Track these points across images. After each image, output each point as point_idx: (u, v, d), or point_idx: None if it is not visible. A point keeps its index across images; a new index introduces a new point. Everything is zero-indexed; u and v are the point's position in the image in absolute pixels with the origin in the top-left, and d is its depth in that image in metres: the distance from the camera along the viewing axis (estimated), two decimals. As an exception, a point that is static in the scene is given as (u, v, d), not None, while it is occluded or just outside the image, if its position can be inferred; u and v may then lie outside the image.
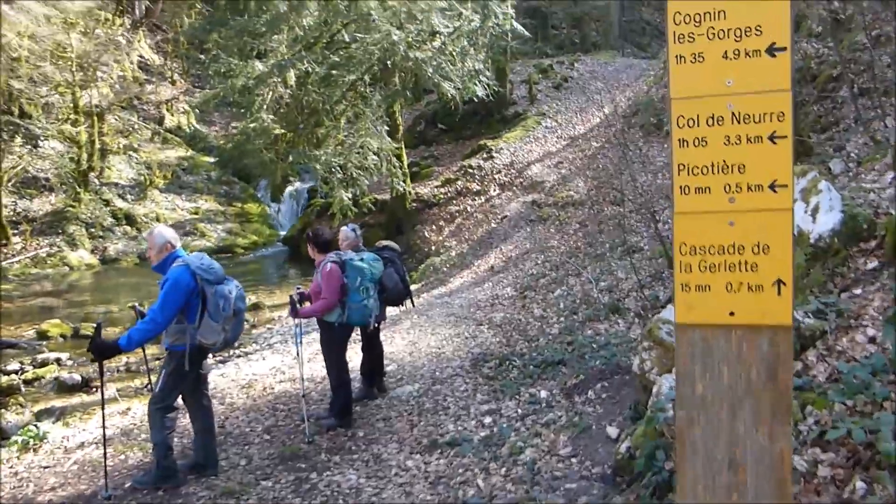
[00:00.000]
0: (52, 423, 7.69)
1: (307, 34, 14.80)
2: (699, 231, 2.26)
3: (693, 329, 2.30)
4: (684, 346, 2.34)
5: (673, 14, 2.27)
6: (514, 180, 17.24)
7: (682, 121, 2.27)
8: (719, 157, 2.22)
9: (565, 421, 5.49)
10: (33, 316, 13.94)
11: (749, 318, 2.20)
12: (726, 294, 2.23)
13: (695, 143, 2.24)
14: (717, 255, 2.24)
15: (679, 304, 2.32)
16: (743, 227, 2.20)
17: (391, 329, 10.05)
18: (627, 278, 9.53)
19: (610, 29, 31.19)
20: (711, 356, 2.26)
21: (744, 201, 2.20)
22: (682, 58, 2.25)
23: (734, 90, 2.19)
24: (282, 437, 6.34)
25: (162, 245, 5.24)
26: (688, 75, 2.25)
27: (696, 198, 2.26)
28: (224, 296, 5.18)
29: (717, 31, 2.20)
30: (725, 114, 2.20)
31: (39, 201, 20.93)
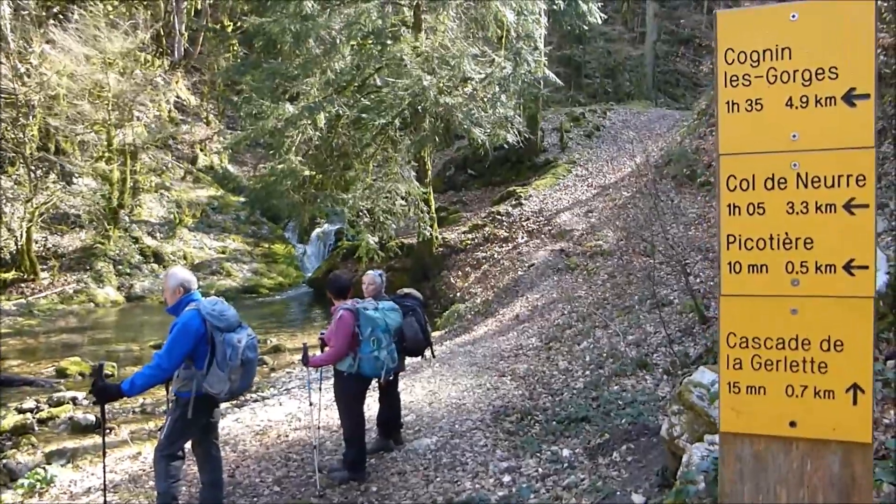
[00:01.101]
0: (62, 466, 7.55)
1: (339, 77, 14.89)
2: (752, 319, 1.84)
3: (742, 440, 1.87)
4: (731, 460, 1.88)
5: (724, 51, 1.86)
6: (542, 228, 17.04)
7: (734, 182, 1.87)
8: (780, 229, 1.81)
9: (588, 485, 5.19)
10: (56, 352, 13.92)
11: (815, 430, 1.78)
12: (786, 399, 1.81)
13: (749, 209, 1.85)
14: (774, 350, 1.82)
15: (725, 408, 1.91)
16: (809, 316, 1.79)
17: (411, 377, 9.81)
18: (656, 332, 9.22)
19: (643, 79, 31.17)
20: (765, 475, 1.82)
21: (811, 284, 1.79)
22: (735, 105, 1.85)
23: (801, 146, 1.79)
24: (292, 490, 6.10)
25: (175, 287, 5.09)
26: (741, 126, 1.86)
27: (749, 278, 1.85)
28: (232, 344, 4.97)
29: (780, 73, 1.79)
30: (789, 175, 1.80)
31: (69, 237, 21.14)
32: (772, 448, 1.79)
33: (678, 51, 34.33)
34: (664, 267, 11.52)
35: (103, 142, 22.45)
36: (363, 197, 15.05)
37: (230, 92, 29.39)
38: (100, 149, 22.51)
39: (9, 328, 16.15)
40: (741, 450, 1.84)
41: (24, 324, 16.61)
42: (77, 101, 21.29)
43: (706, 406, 4.16)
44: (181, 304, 5.04)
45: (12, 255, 19.33)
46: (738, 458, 1.83)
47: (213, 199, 26.46)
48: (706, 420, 4.13)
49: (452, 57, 14.30)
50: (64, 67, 20.70)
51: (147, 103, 25.61)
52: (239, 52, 29.95)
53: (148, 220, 23.43)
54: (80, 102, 21.32)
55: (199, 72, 32.60)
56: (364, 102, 15.27)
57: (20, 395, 10.71)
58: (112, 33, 22.04)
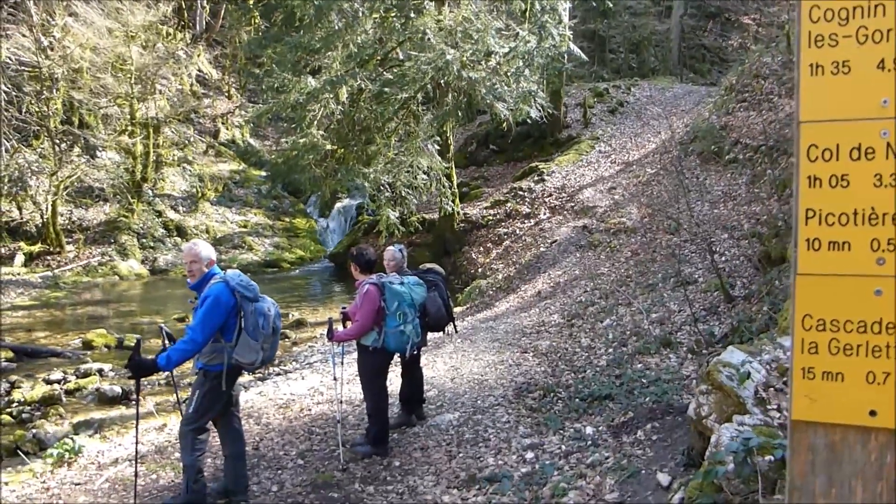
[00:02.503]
0: (90, 437, 7.65)
1: (361, 51, 14.77)
2: (832, 300, 1.71)
3: (815, 429, 1.73)
4: (802, 450, 1.75)
5: (809, 9, 1.71)
6: (564, 204, 16.92)
7: (815, 151, 1.72)
8: (866, 203, 1.66)
9: (612, 462, 5.16)
10: (81, 325, 14.08)
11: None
12: (866, 386, 1.67)
13: (831, 182, 1.70)
14: (855, 334, 1.68)
15: (798, 396, 1.77)
16: (895, 298, 1.66)
17: (433, 353, 9.81)
18: (680, 311, 9.15)
19: (669, 54, 30.74)
20: (840, 468, 1.69)
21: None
22: (820, 67, 1.70)
23: (892, 113, 1.64)
24: (315, 463, 6.14)
25: (207, 260, 5.08)
26: (826, 91, 1.70)
27: (829, 255, 1.71)
28: (263, 313, 5.02)
29: (872, 33, 1.64)
30: (878, 144, 1.65)
31: (94, 211, 21.32)
32: (848, 438, 1.66)
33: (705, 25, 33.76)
34: (688, 245, 11.41)
35: (126, 115, 22.53)
36: (384, 171, 15.00)
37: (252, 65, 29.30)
38: (123, 122, 22.60)
39: (35, 300, 16.36)
40: (814, 440, 1.70)
41: (51, 296, 16.80)
42: (100, 74, 21.35)
43: (736, 386, 4.10)
44: (205, 279, 5.04)
45: (38, 228, 19.54)
46: (810, 449, 1.70)
47: (235, 173, 26.53)
48: (735, 400, 4.07)
49: (476, 31, 14.12)
50: (87, 40, 20.74)
51: (169, 77, 25.62)
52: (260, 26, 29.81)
53: (171, 193, 23.56)
54: (103, 76, 21.37)
55: (220, 45, 32.55)
56: (386, 76, 15.15)
57: (47, 366, 10.87)
58: (134, 6, 22.01)
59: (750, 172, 12.52)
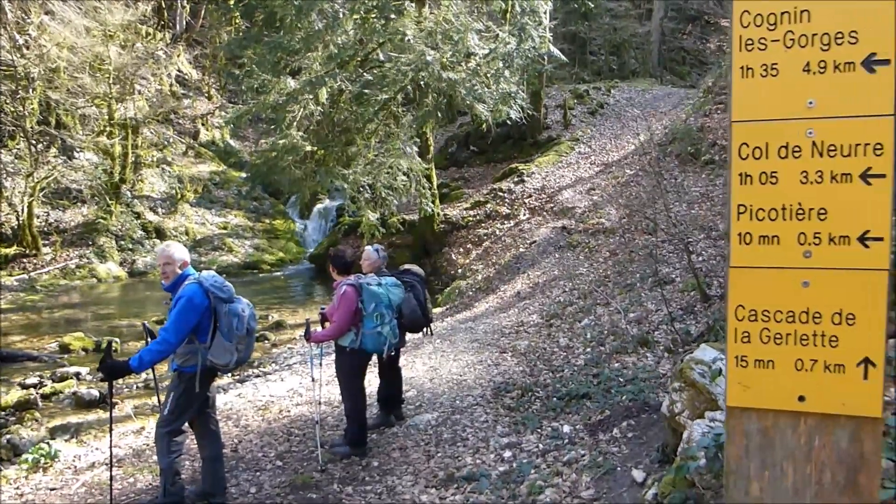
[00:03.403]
0: (66, 441, 7.58)
1: (342, 52, 14.74)
2: (762, 291, 1.78)
3: (749, 415, 1.80)
4: (737, 435, 1.82)
5: (740, 14, 1.78)
6: (544, 205, 16.99)
7: (746, 150, 1.80)
8: (793, 199, 1.75)
9: (588, 460, 5.21)
10: (58, 328, 13.95)
11: (824, 405, 1.72)
12: (795, 373, 1.74)
13: (761, 178, 1.79)
14: (784, 324, 1.75)
15: (732, 383, 1.84)
16: (821, 289, 1.73)
17: (412, 353, 9.83)
18: (657, 310, 9.23)
19: (649, 56, 30.94)
20: (772, 451, 1.76)
21: (824, 256, 1.72)
22: (750, 70, 1.77)
23: (817, 113, 1.72)
24: (294, 464, 6.14)
25: (181, 262, 5.07)
26: (756, 92, 1.77)
27: (760, 249, 1.78)
28: (237, 314, 5.01)
29: (798, 37, 1.72)
30: (804, 143, 1.73)
31: (71, 212, 21.12)
32: (779, 423, 1.74)
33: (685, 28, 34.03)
34: (666, 245, 11.50)
35: (104, 116, 22.33)
36: (365, 172, 14.98)
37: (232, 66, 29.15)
38: (101, 123, 22.39)
39: (11, 304, 16.17)
40: (748, 425, 1.78)
41: (27, 299, 16.64)
42: (77, 74, 21.15)
43: (707, 383, 4.16)
44: (179, 280, 5.03)
45: (14, 230, 19.31)
46: (744, 434, 1.78)
47: (215, 174, 26.40)
48: (707, 397, 4.13)
49: (456, 31, 14.15)
50: (64, 39, 20.53)
51: (148, 77, 25.45)
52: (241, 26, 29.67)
53: (150, 195, 23.39)
54: (81, 75, 21.17)
55: (200, 45, 32.37)
56: (366, 77, 15.15)
57: (23, 370, 10.75)
58: (112, 5, 21.83)
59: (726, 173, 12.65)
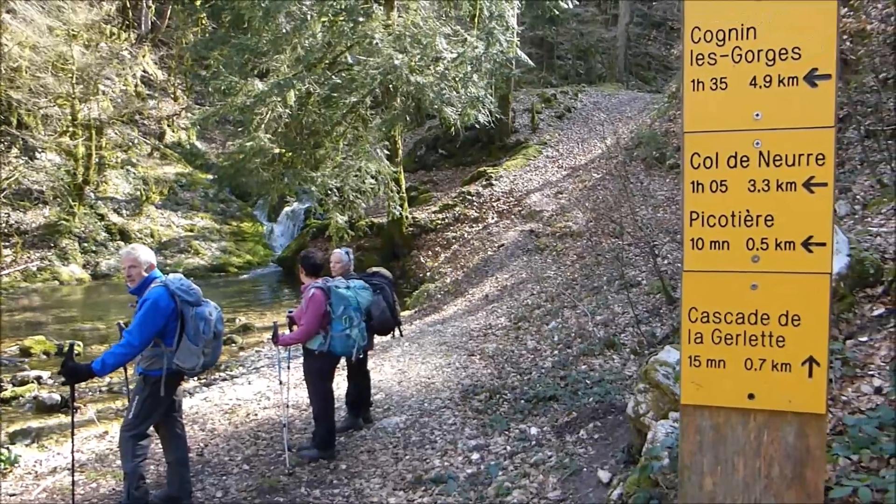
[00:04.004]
0: (27, 446, 7.44)
1: (310, 55, 14.71)
2: (714, 294, 1.85)
3: (702, 412, 1.88)
4: (691, 432, 1.90)
5: (691, 30, 1.86)
6: (512, 209, 17.09)
7: (697, 159, 1.87)
8: (742, 206, 1.83)
9: (555, 461, 5.26)
10: (19, 331, 13.71)
11: (772, 402, 1.81)
12: (745, 372, 1.83)
13: (712, 187, 1.86)
14: (734, 325, 1.83)
15: (686, 382, 1.92)
16: (768, 291, 1.81)
17: (380, 356, 9.83)
18: (624, 313, 9.32)
19: (615, 61, 31.27)
20: (724, 446, 1.84)
21: (770, 261, 1.81)
22: (700, 83, 1.85)
23: (763, 125, 1.80)
24: (261, 468, 6.10)
25: (147, 264, 5.01)
26: (706, 105, 1.85)
27: (711, 254, 1.85)
28: (205, 318, 4.97)
29: (745, 53, 1.81)
30: (751, 153, 1.81)
31: (32, 214, 20.75)
32: (731, 420, 1.83)
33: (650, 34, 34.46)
34: (632, 248, 11.62)
35: (67, 116, 22.01)
36: (333, 175, 14.94)
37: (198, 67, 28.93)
38: (64, 123, 22.07)
39: (-30, 306, 15.88)
40: (701, 422, 1.86)
41: (-14, 301, 16.34)
42: (40, 73, 20.83)
43: (671, 384, 4.23)
44: (145, 283, 4.98)
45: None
46: (698, 430, 1.86)
47: (181, 176, 26.13)
48: (671, 398, 4.20)
49: (424, 35, 14.20)
50: (26, 38, 20.21)
51: (113, 77, 25.13)
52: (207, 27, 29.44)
53: (114, 196, 23.08)
54: (44, 75, 20.86)
55: (166, 46, 32.02)
56: (335, 80, 15.12)
57: (-17, 373, 10.56)
58: (76, 4, 21.52)
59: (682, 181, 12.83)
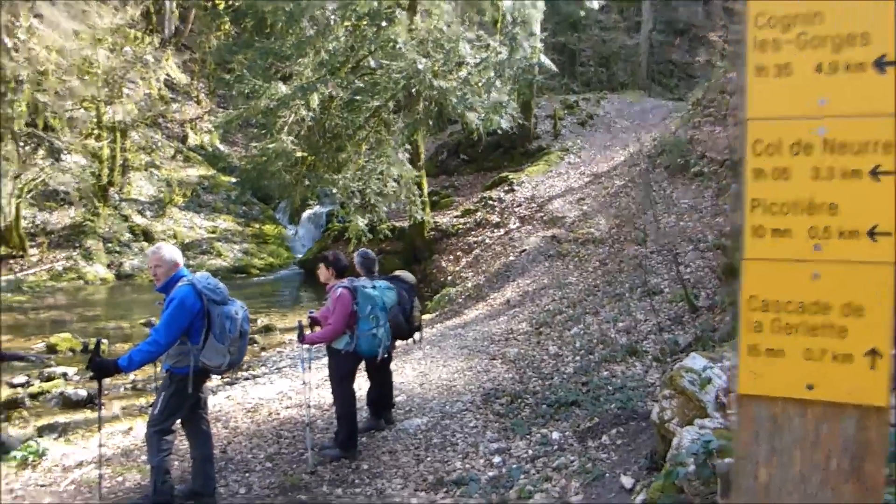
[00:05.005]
0: (54, 440, 7.54)
1: (333, 59, 14.81)
2: (774, 283, 1.84)
3: (759, 402, 1.85)
4: (747, 422, 1.88)
5: (755, 15, 1.85)
6: (534, 214, 17.07)
7: (760, 146, 1.86)
8: (805, 194, 1.80)
9: (577, 466, 5.26)
10: (45, 328, 13.87)
11: (831, 393, 1.77)
12: (804, 363, 1.80)
13: (774, 174, 1.84)
14: (795, 314, 1.81)
15: (744, 371, 1.90)
16: (830, 281, 1.78)
17: (402, 358, 9.85)
18: (646, 320, 9.30)
19: (638, 69, 31.16)
20: (781, 437, 1.82)
21: (833, 250, 1.78)
22: (764, 69, 1.85)
23: (828, 112, 1.78)
24: (284, 466, 6.15)
25: (172, 264, 5.08)
26: (770, 91, 1.84)
27: (772, 242, 1.84)
28: (230, 316, 5.02)
29: (811, 39, 1.79)
30: (815, 141, 1.80)
31: (58, 214, 21.00)
32: (788, 410, 1.80)
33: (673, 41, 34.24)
34: (655, 256, 11.59)
35: (93, 119, 22.22)
36: (355, 178, 15.02)
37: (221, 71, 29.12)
38: (89, 126, 22.29)
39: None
40: (758, 412, 1.83)
41: (13, 300, 16.52)
42: (66, 76, 21.03)
43: (697, 391, 4.22)
44: (172, 281, 5.04)
45: (1, 231, 19.20)
46: (754, 420, 1.83)
47: (204, 178, 26.32)
48: (697, 404, 4.19)
49: (448, 40, 14.25)
50: (53, 42, 20.45)
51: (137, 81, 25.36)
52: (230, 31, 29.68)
53: (138, 198, 23.29)
54: (69, 78, 21.06)
55: (189, 50, 32.30)
56: (358, 84, 15.21)
57: (11, 370, 10.69)
58: (101, 9, 21.74)
59: (715, 186, 12.76)
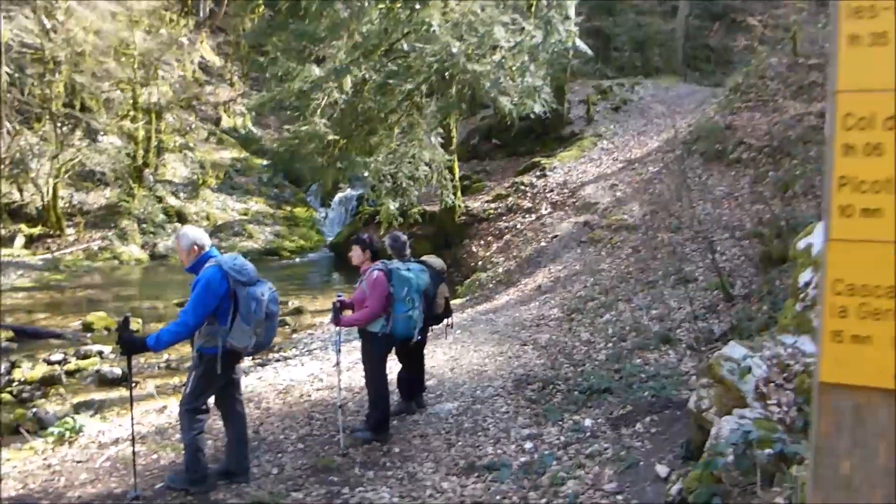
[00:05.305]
0: (90, 417, 7.67)
1: (366, 41, 14.73)
2: (862, 266, 1.71)
3: (842, 391, 1.72)
4: (829, 412, 1.75)
5: None
6: (566, 200, 16.93)
7: (851, 120, 1.72)
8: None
9: (611, 454, 5.21)
10: (81, 307, 14.10)
11: None
12: (892, 351, 1.66)
13: (865, 150, 1.70)
14: (884, 299, 1.67)
15: (826, 358, 1.76)
16: None
17: (433, 343, 9.78)
18: (680, 308, 9.18)
19: (673, 54, 30.64)
20: (864, 429, 1.69)
21: None
22: (858, 38, 1.70)
23: None
24: (316, 448, 6.17)
25: (189, 247, 5.08)
26: (863, 62, 1.70)
27: (861, 222, 1.70)
28: (256, 298, 4.99)
29: None
30: None
31: (94, 195, 21.32)
32: (873, 400, 1.65)
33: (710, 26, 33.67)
34: (689, 243, 11.44)
35: (128, 100, 22.48)
36: (386, 162, 14.98)
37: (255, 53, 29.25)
38: (125, 107, 22.55)
39: (35, 282, 16.38)
40: (840, 402, 1.69)
41: (51, 278, 16.83)
42: (103, 58, 21.29)
43: (736, 381, 4.13)
44: (200, 262, 5.05)
45: (39, 210, 19.54)
46: (836, 410, 1.69)
47: (237, 160, 26.52)
48: (736, 394, 4.11)
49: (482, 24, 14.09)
50: (90, 24, 20.67)
51: (172, 63, 25.57)
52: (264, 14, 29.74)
53: (171, 179, 23.55)
54: (106, 60, 21.32)
55: (223, 32, 32.47)
56: (391, 67, 15.14)
57: (48, 347, 10.90)
58: (138, -10, 21.98)
59: (753, 173, 12.54)
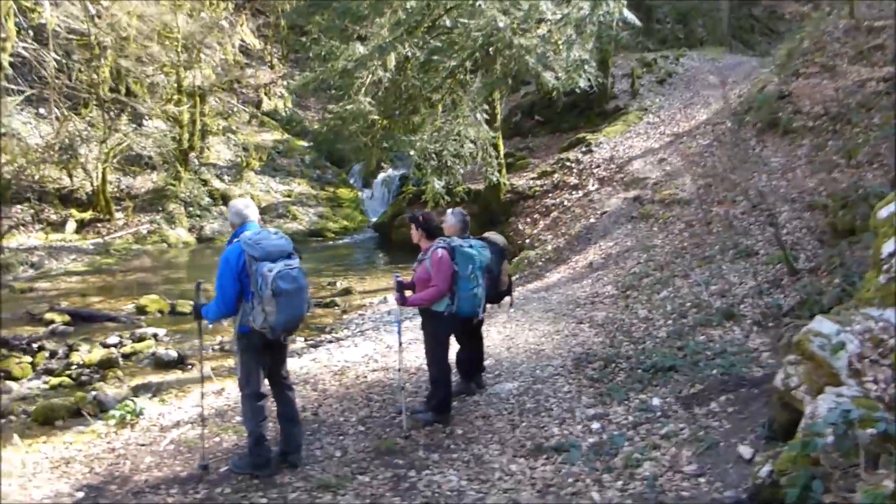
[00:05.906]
0: (149, 399, 7.70)
1: (409, 17, 14.54)
2: None
3: None
4: None
5: None
6: (613, 175, 16.62)
7: None
8: None
9: (688, 434, 5.03)
10: (133, 290, 14.22)
11: None
12: None
13: None
14: None
15: None
16: None
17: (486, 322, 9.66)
18: (741, 283, 8.90)
19: (718, 25, 29.90)
20: None
21: None
22: None
23: None
24: (377, 430, 6.09)
25: (231, 220, 5.13)
26: None
27: None
28: (262, 274, 4.69)
29: None
30: None
31: (142, 179, 21.54)
32: None
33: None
34: (746, 216, 11.11)
35: (173, 84, 22.57)
36: (431, 140, 14.81)
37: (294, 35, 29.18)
38: (169, 91, 22.66)
39: (88, 266, 16.61)
40: None
41: (102, 262, 17.05)
42: (147, 42, 21.36)
43: (828, 356, 3.92)
44: (234, 237, 4.98)
45: (88, 195, 19.79)
46: None
47: (279, 143, 26.58)
48: (828, 371, 3.90)
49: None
50: (134, 8, 20.74)
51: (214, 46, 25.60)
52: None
53: (216, 163, 23.70)
54: (150, 44, 21.39)
55: (263, 15, 32.44)
56: (434, 44, 14.94)
57: (103, 330, 11.00)
58: (180, -26, 21.98)
59: (811, 142, 12.12)
